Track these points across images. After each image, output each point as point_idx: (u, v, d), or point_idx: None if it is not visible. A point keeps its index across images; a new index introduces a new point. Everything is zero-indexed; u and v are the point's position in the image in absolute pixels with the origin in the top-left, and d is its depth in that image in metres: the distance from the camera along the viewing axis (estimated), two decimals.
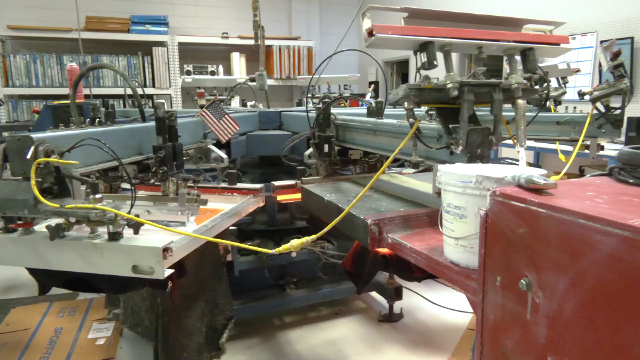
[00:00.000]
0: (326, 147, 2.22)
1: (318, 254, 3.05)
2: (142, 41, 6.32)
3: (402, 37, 1.38)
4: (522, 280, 0.93)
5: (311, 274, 3.28)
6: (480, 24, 1.67)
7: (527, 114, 1.55)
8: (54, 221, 1.43)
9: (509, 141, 1.66)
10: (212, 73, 6.64)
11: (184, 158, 2.08)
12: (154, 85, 6.44)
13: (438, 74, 1.41)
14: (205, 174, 2.59)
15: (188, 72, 6.49)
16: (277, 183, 2.35)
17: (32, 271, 1.74)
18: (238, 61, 6.93)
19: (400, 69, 7.44)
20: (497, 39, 1.54)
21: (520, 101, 1.50)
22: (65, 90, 4.27)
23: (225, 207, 2.12)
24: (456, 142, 1.46)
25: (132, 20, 6.30)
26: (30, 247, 1.46)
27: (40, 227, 1.52)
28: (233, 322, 2.89)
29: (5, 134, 5.17)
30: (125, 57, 6.31)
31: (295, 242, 1.48)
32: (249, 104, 4.53)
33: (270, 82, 3.84)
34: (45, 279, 1.77)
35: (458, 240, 1.20)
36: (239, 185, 2.35)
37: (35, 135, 1.39)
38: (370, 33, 1.34)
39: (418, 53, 1.44)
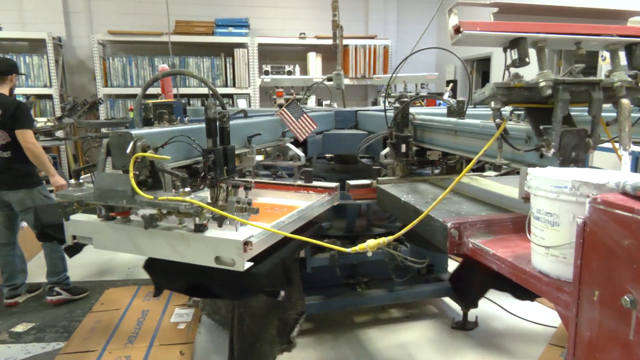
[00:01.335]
0: (404, 147, 2.18)
1: (391, 254, 3.01)
2: (224, 43, 6.63)
3: (492, 34, 1.32)
4: (626, 297, 0.85)
5: (383, 274, 3.25)
6: (578, 18, 1.55)
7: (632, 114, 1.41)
8: (147, 211, 1.55)
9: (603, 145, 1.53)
10: (289, 73, 6.80)
11: (256, 156, 2.11)
12: (234, 85, 6.73)
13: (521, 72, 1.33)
14: (282, 171, 2.67)
15: (266, 72, 6.70)
16: (352, 182, 2.35)
17: (153, 274, 1.81)
18: (314, 61, 7.03)
19: (481, 67, 7.12)
20: (598, 34, 1.42)
21: (624, 101, 1.37)
22: (156, 90, 4.58)
23: (301, 205, 2.16)
24: (547, 145, 1.37)
25: (217, 24, 6.62)
26: (126, 235, 1.59)
27: (135, 217, 1.65)
28: (304, 318, 2.94)
29: (103, 130, 5.68)
30: (210, 59, 6.65)
31: (371, 242, 1.47)
32: (324, 103, 4.58)
33: (345, 81, 3.85)
34: (164, 282, 1.83)
35: (549, 249, 1.12)
36: (315, 183, 2.38)
37: (134, 132, 1.51)
38: (457, 30, 1.30)
39: (508, 50, 1.37)
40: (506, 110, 1.74)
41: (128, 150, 1.45)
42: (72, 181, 1.64)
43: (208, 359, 2.86)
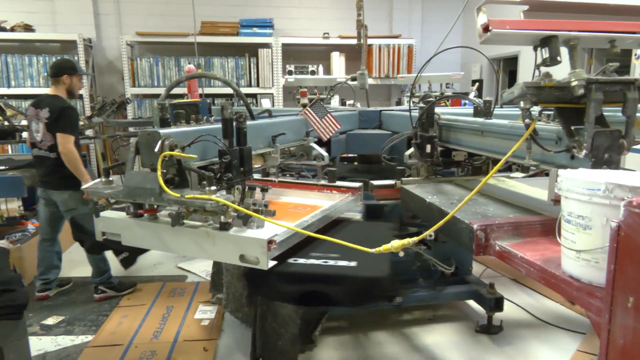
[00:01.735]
0: (428, 148, 2.16)
1: (414, 256, 2.98)
2: (249, 43, 6.68)
3: (522, 32, 1.29)
4: None
5: (406, 276, 3.22)
6: (611, 15, 1.51)
7: None
8: (174, 209, 1.57)
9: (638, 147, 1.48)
10: (313, 73, 6.81)
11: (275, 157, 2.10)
12: (258, 85, 6.78)
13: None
14: (305, 170, 2.68)
15: (290, 72, 6.72)
16: (376, 182, 2.34)
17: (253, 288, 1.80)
18: (338, 60, 7.02)
19: (508, 66, 6.98)
20: (633, 31, 1.37)
21: None
22: (182, 90, 4.65)
23: (324, 204, 2.16)
24: (579, 146, 1.33)
25: (241, 24, 6.68)
26: (154, 232, 1.62)
27: (159, 214, 1.68)
28: (326, 317, 2.95)
29: (131, 129, 5.81)
30: (234, 59, 6.72)
31: (396, 243, 1.46)
32: (347, 102, 4.57)
33: (369, 81, 3.82)
34: (280, 295, 1.72)
35: (580, 253, 1.09)
36: (338, 183, 2.38)
37: (162, 131, 1.54)
38: (486, 28, 1.27)
39: (539, 48, 1.34)
40: (535, 110, 1.70)
41: (156, 149, 1.48)
42: (102, 179, 1.68)
43: (231, 356, 2.89)
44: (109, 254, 3.43)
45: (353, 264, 1.61)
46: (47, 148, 3.38)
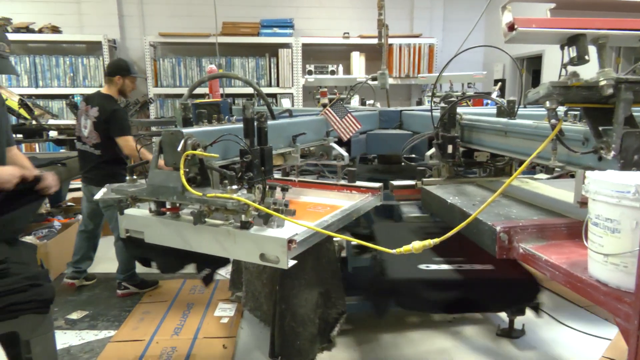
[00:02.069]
0: (450, 148, 2.13)
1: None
2: (269, 43, 6.72)
3: (549, 31, 1.26)
4: None
5: None
6: None
7: None
8: (196, 207, 1.59)
9: None
10: (332, 72, 6.81)
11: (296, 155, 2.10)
12: (278, 85, 6.81)
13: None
14: (325, 170, 2.68)
15: (310, 72, 6.74)
16: (395, 182, 2.32)
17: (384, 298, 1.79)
18: (358, 60, 7.00)
19: (532, 65, 6.85)
20: None
21: None
22: (204, 90, 4.71)
23: (344, 204, 2.16)
24: (607, 147, 1.30)
25: (262, 24, 6.72)
26: (176, 229, 1.65)
27: (181, 212, 1.70)
28: (345, 317, 2.94)
29: (153, 128, 5.91)
30: (254, 59, 6.77)
31: (417, 244, 1.45)
32: (367, 102, 4.55)
33: (389, 80, 3.80)
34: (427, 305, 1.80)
35: (608, 257, 1.07)
36: (358, 183, 2.38)
37: (185, 130, 1.56)
38: (512, 27, 1.25)
39: (566, 47, 1.31)
40: (560, 110, 1.67)
41: (179, 148, 1.50)
42: (127, 177, 1.72)
43: (249, 354, 2.92)
44: None
45: (489, 267, 1.57)
46: (92, 145, 3.48)
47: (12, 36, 6.25)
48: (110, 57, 6.49)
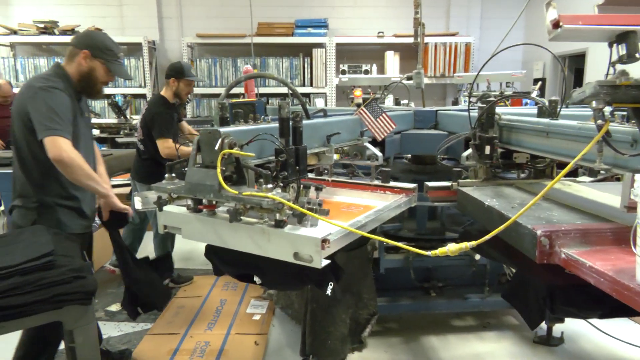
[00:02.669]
0: (488, 149, 2.08)
1: (469, 260, 2.90)
2: (303, 43, 6.76)
3: (596, 28, 1.21)
4: None
5: (459, 281, 3.14)
6: None
7: None
8: (232, 205, 1.61)
9: None
10: (366, 72, 6.77)
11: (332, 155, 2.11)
12: (311, 85, 6.84)
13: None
14: (358, 170, 2.66)
15: (343, 72, 6.73)
16: (431, 184, 2.28)
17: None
18: (392, 60, 6.94)
19: (574, 64, 6.60)
20: None
21: None
22: (239, 90, 4.78)
23: (377, 205, 2.14)
24: None
25: (296, 24, 6.77)
26: (212, 227, 1.68)
27: (217, 210, 1.73)
28: (376, 318, 2.93)
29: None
30: (288, 59, 6.82)
31: (453, 247, 1.42)
32: (402, 102, 4.51)
33: (424, 80, 3.73)
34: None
35: None
36: (392, 183, 2.35)
37: (222, 129, 1.59)
38: (556, 24, 1.21)
39: (615, 45, 1.25)
40: (606, 110, 1.60)
41: (216, 147, 1.52)
42: (166, 175, 1.76)
43: (281, 351, 2.94)
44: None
45: None
46: (139, 140, 3.63)
47: (58, 39, 6.55)
48: (149, 58, 6.69)
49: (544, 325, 3.02)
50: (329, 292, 1.77)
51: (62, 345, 2.84)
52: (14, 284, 1.59)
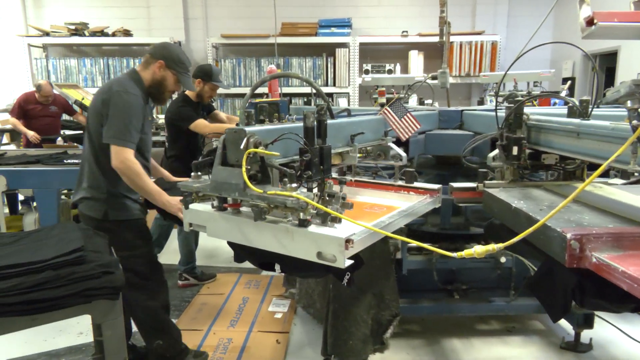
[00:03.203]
0: (515, 150, 2.03)
1: (494, 262, 2.84)
2: (327, 43, 6.77)
3: (633, 25, 1.17)
4: None
5: (483, 283, 3.08)
6: None
7: None
8: (256, 204, 1.62)
9: None
10: (390, 72, 6.73)
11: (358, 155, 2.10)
12: (334, 85, 6.84)
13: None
14: (382, 171, 2.65)
15: (366, 71, 6.70)
16: (455, 185, 2.25)
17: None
18: (416, 59, 6.88)
19: (604, 62, 6.41)
20: None
21: None
22: (263, 90, 4.81)
23: (401, 205, 2.13)
24: None
25: (320, 24, 6.78)
26: (237, 225, 1.69)
27: (241, 208, 1.74)
28: (398, 320, 2.90)
29: None
30: (312, 59, 6.84)
31: (479, 249, 1.40)
32: (426, 102, 4.46)
33: (449, 79, 3.68)
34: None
35: None
36: (416, 184, 2.33)
37: (247, 129, 1.60)
38: (590, 22, 1.17)
39: None
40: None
41: (242, 146, 1.54)
42: (193, 173, 1.79)
43: (302, 350, 2.95)
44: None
45: None
46: (166, 138, 3.71)
47: (88, 40, 6.73)
48: None
49: (571, 330, 2.94)
50: (345, 282, 1.76)
51: (89, 338, 2.93)
52: (46, 277, 1.63)
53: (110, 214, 2.34)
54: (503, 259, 2.79)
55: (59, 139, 5.61)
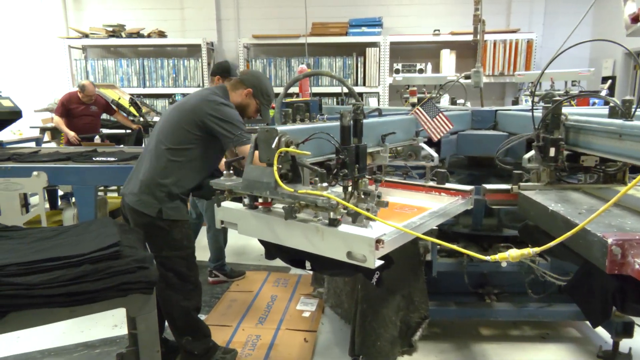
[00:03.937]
0: (552, 151, 1.97)
1: (527, 266, 2.77)
2: (357, 43, 6.74)
3: None
4: None
5: (516, 288, 3.00)
6: None
7: None
8: (287, 203, 1.63)
9: None
10: (420, 71, 6.65)
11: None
12: (364, 84, 6.81)
13: None
14: (412, 171, 2.62)
15: (397, 71, 6.64)
16: (489, 186, 2.20)
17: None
18: (448, 58, 6.77)
19: None
20: None
21: None
22: (294, 90, 4.84)
23: (432, 206, 2.10)
24: None
25: (350, 24, 6.76)
26: (267, 223, 1.71)
27: (272, 207, 1.76)
28: (427, 322, 2.87)
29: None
30: (342, 58, 6.83)
31: (514, 253, 1.36)
32: (458, 102, 4.38)
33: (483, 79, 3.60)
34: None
35: None
36: (448, 185, 2.29)
37: (279, 128, 1.61)
38: (636, 19, 1.12)
39: None
40: None
41: (273, 145, 1.55)
42: (225, 172, 1.82)
43: (329, 350, 2.95)
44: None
45: None
46: None
47: (125, 41, 6.94)
48: (208, 59, 6.93)
49: (609, 339, 2.83)
50: (374, 281, 1.75)
51: (123, 331, 3.02)
52: (85, 271, 1.69)
53: (164, 212, 2.39)
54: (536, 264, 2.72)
55: (97, 137, 5.81)
